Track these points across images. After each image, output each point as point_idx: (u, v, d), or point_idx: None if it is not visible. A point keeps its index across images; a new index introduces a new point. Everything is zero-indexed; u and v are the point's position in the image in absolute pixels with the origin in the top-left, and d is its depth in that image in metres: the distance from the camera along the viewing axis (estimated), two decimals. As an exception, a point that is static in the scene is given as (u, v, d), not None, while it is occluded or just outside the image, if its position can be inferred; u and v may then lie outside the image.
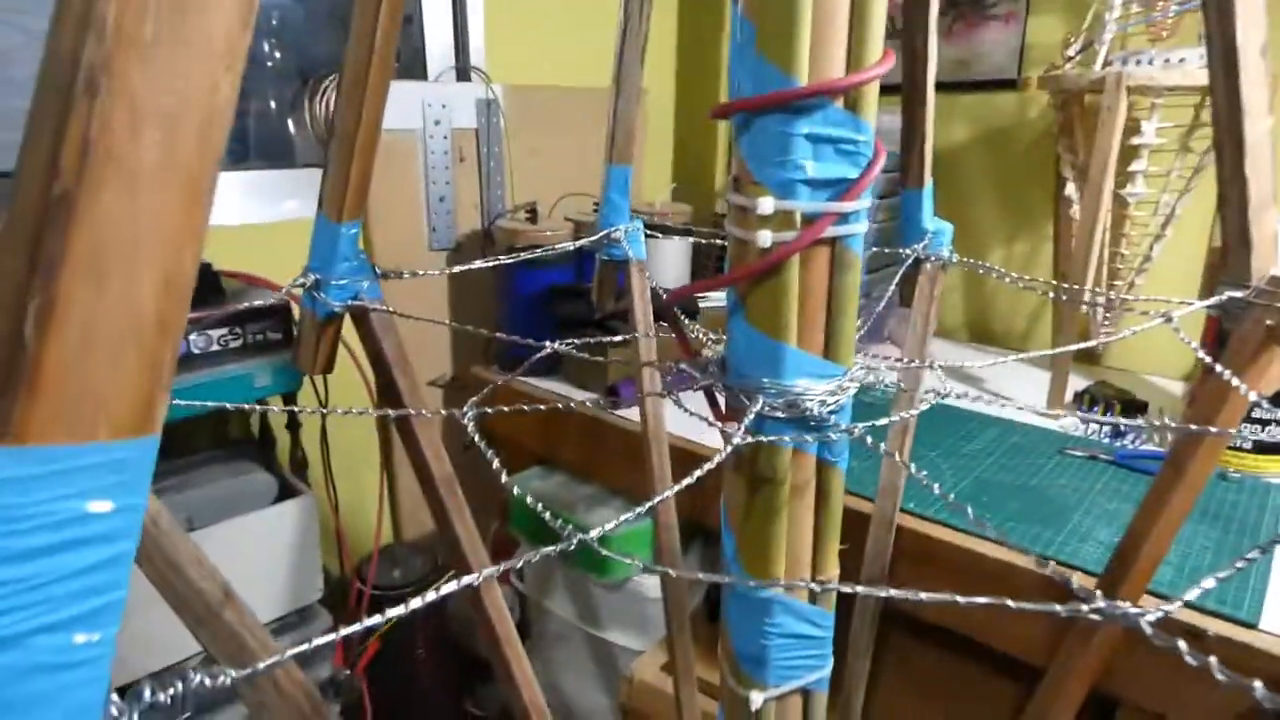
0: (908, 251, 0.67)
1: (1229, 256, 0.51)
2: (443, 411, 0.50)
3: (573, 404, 1.09)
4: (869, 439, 0.38)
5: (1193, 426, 0.53)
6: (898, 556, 0.78)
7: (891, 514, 0.70)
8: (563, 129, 1.43)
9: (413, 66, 1.37)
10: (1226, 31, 0.46)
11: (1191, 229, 1.18)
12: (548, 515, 0.36)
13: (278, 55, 1.29)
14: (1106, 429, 1.04)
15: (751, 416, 0.37)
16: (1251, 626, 0.65)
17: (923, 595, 0.30)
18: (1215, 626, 0.65)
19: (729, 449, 0.37)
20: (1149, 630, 0.26)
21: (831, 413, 0.39)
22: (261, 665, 0.26)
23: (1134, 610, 0.27)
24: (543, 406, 0.54)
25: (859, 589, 0.32)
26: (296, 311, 0.98)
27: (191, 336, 0.82)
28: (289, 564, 0.95)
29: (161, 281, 0.15)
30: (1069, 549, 0.77)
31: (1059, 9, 1.31)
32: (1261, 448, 0.92)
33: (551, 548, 0.32)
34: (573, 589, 1.15)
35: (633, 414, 0.99)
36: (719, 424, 0.39)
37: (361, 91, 0.46)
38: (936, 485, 0.34)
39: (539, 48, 1.44)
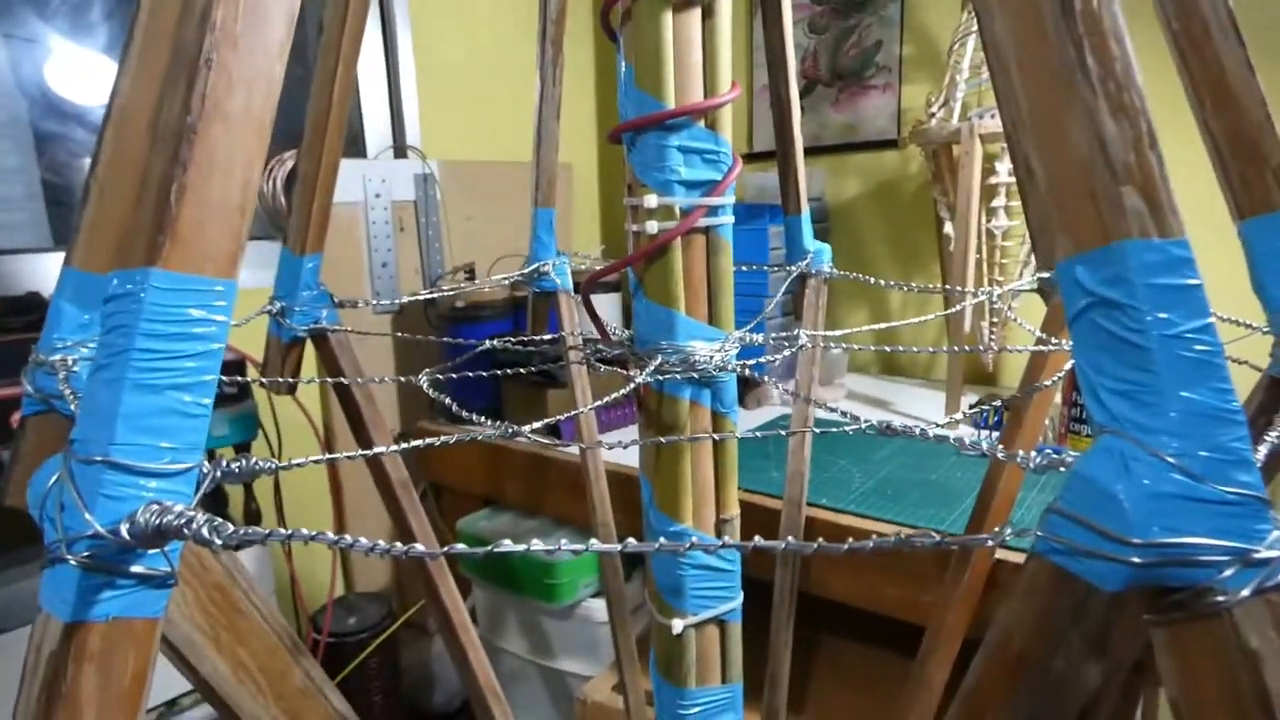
0: (792, 269, 0.79)
1: (1036, 243, 0.63)
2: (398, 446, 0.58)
3: (520, 433, 1.17)
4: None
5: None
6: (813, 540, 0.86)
7: (799, 498, 0.79)
8: (495, 199, 1.55)
9: (352, 145, 1.48)
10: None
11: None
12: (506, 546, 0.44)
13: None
14: (998, 434, 1.16)
15: (653, 366, 0.47)
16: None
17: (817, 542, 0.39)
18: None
19: (631, 385, 0.46)
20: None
21: (718, 369, 0.49)
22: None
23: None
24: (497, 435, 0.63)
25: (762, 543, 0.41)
26: (249, 368, 1.05)
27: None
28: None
29: (243, 181, 0.23)
30: (960, 523, 0.87)
31: (926, 78, 1.51)
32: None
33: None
34: (525, 623, 1.19)
35: (573, 450, 1.07)
36: (632, 377, 0.48)
37: (321, 138, 0.55)
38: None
39: (469, 125, 1.57)
